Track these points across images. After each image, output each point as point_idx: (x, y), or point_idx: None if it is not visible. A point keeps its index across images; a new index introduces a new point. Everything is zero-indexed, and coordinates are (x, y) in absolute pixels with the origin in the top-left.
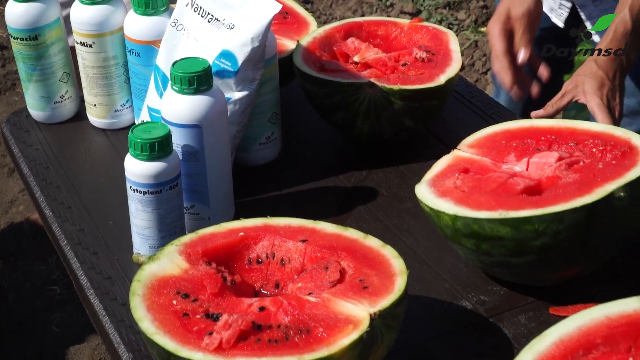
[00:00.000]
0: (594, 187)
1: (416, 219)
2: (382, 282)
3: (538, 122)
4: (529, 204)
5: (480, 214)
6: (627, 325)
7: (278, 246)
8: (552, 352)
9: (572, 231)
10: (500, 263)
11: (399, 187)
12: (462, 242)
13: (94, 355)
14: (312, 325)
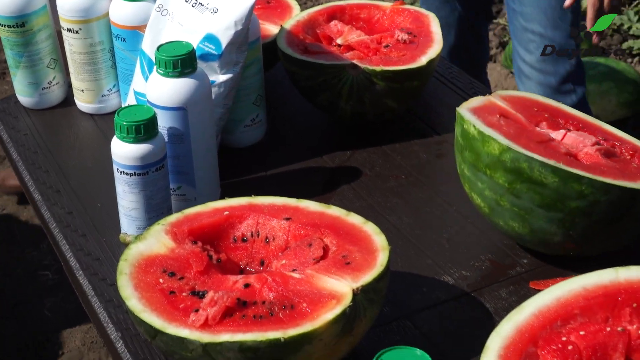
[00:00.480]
0: (637, 179)
1: (400, 197)
2: (364, 258)
3: (565, 107)
4: (580, 167)
5: (535, 156)
6: (604, 296)
7: (262, 224)
8: (530, 323)
9: (609, 207)
10: (523, 209)
11: (382, 167)
12: (496, 175)
13: (85, 339)
14: (296, 300)
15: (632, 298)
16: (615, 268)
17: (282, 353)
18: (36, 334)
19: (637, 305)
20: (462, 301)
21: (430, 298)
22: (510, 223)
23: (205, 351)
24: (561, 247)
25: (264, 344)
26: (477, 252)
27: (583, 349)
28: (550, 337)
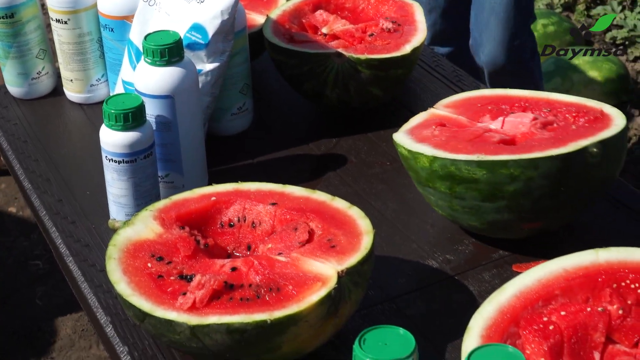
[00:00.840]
0: (568, 141)
1: (385, 183)
2: (349, 241)
3: (512, 91)
4: (506, 151)
5: (458, 156)
6: (584, 277)
7: (249, 209)
8: (512, 304)
9: (545, 180)
10: (472, 208)
11: (367, 154)
12: (436, 185)
13: (76, 326)
14: (282, 283)
15: (612, 279)
16: (596, 249)
17: (268, 334)
18: (28, 323)
19: (617, 285)
20: (446, 284)
21: (414, 281)
22: (470, 222)
23: (193, 333)
24: (523, 229)
25: (251, 326)
26: (461, 236)
27: (564, 329)
28: (531, 318)
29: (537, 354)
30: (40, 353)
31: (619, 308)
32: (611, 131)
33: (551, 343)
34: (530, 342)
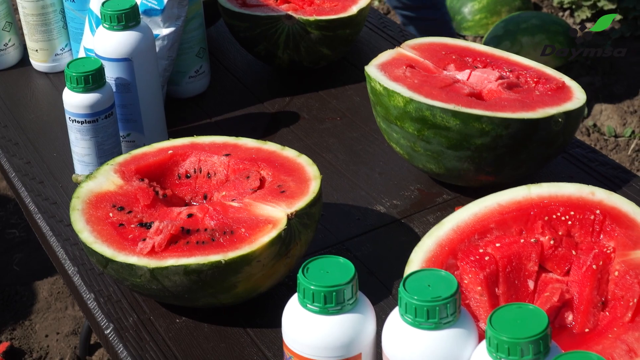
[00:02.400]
0: (537, 107)
1: (335, 137)
2: (298, 186)
3: (474, 44)
4: (479, 106)
5: (435, 103)
6: (518, 210)
7: (204, 161)
8: (450, 237)
9: (511, 139)
10: (435, 152)
11: (318, 110)
12: (405, 125)
13: (52, 290)
14: (235, 226)
15: (543, 212)
16: (528, 185)
17: (223, 274)
18: (6, 287)
19: (548, 218)
20: (392, 227)
21: (363, 225)
22: (428, 165)
23: (153, 276)
24: (477, 180)
25: (207, 266)
26: (407, 183)
27: (499, 259)
28: (468, 250)
29: (474, 283)
30: (18, 316)
31: (551, 239)
32: (574, 104)
33: (487, 273)
34: (467, 272)
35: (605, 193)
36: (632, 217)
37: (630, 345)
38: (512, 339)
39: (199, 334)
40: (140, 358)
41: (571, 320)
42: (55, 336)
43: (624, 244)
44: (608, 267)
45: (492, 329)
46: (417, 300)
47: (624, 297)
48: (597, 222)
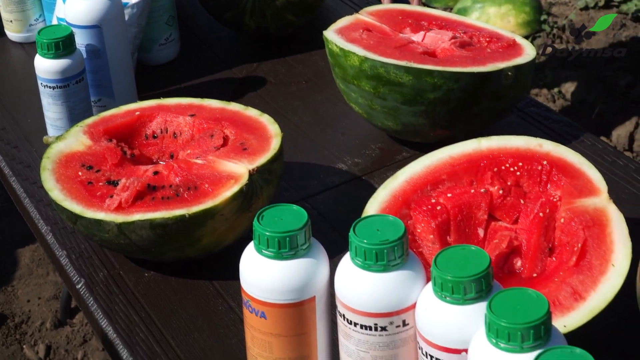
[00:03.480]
0: (487, 62)
1: (300, 100)
2: (259, 144)
3: (430, 9)
4: (431, 62)
5: (388, 60)
6: (468, 162)
7: (170, 122)
8: (403, 189)
9: (463, 92)
10: (391, 109)
11: (285, 75)
12: (362, 84)
13: (34, 257)
14: (199, 183)
15: (493, 163)
16: (478, 138)
17: (188, 228)
18: None
19: (497, 169)
20: (354, 184)
21: (326, 183)
22: (385, 122)
23: (120, 230)
24: (433, 135)
25: (171, 220)
26: (369, 142)
27: (450, 209)
28: (421, 200)
29: (427, 231)
30: (1, 282)
31: (500, 189)
32: (524, 59)
33: (439, 221)
34: (420, 221)
35: (552, 145)
36: (577, 167)
37: (574, 288)
38: (455, 279)
39: (167, 287)
40: (110, 310)
41: (520, 266)
42: (37, 301)
43: (569, 192)
44: (554, 214)
45: (437, 269)
46: (367, 243)
47: (569, 243)
48: (544, 173)
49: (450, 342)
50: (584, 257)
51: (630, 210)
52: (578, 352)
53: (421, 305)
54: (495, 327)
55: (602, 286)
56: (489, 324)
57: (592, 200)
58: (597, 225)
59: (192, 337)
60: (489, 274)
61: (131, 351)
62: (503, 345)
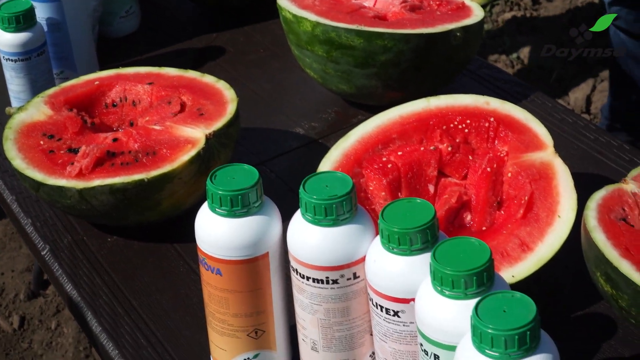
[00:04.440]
0: (436, 24)
1: (259, 68)
2: (216, 109)
3: None
4: (381, 25)
5: (339, 24)
6: (417, 121)
7: (129, 90)
8: (355, 148)
9: (413, 54)
10: (344, 72)
11: (244, 44)
12: (315, 49)
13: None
14: (157, 148)
15: (441, 121)
16: (427, 98)
17: (147, 192)
18: None
19: (446, 127)
20: (310, 147)
21: (283, 146)
22: (340, 86)
23: (81, 196)
24: (387, 97)
25: (131, 185)
26: (325, 106)
27: (401, 166)
28: (372, 159)
29: (379, 188)
30: None
31: (448, 146)
32: (472, 20)
33: (390, 179)
34: (372, 179)
35: (499, 102)
36: (524, 123)
37: (522, 240)
38: (401, 230)
39: (129, 251)
40: (74, 275)
41: (469, 220)
42: (10, 273)
43: (516, 147)
44: (502, 169)
45: (384, 222)
46: (316, 199)
47: (516, 196)
48: (491, 129)
49: (399, 292)
50: (531, 209)
51: (580, 165)
52: (518, 296)
53: (370, 258)
54: (439, 275)
55: (549, 237)
56: (434, 272)
57: (538, 155)
58: (544, 178)
59: (155, 298)
60: (434, 225)
61: (95, 313)
62: (448, 293)
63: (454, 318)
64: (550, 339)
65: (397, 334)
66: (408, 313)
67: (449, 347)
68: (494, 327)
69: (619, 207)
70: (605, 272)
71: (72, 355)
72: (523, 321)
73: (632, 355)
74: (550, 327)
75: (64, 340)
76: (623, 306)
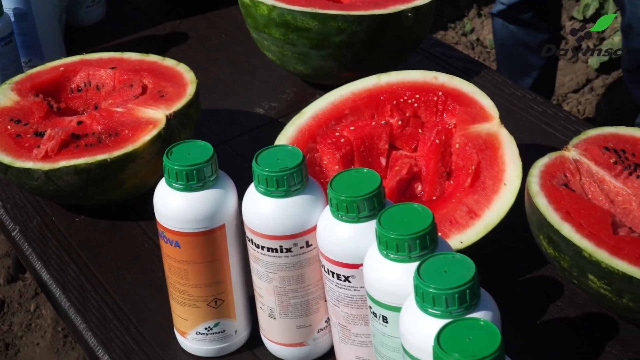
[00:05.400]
0: (388, 5)
1: (221, 52)
2: (176, 91)
3: None
4: (336, 7)
5: (295, 7)
6: (369, 97)
7: (93, 75)
8: (309, 124)
9: (366, 34)
10: (301, 54)
11: (206, 30)
12: (272, 31)
13: None
14: (119, 129)
15: (392, 97)
16: (378, 75)
17: (111, 171)
18: None
19: (396, 102)
20: (270, 126)
21: (244, 126)
22: (297, 67)
23: (48, 177)
24: (342, 77)
25: (95, 165)
26: (284, 87)
27: (353, 141)
28: (326, 134)
29: (332, 162)
30: None
31: (399, 120)
32: (423, 0)
33: (343, 153)
34: (326, 153)
35: (447, 77)
36: (470, 96)
37: (470, 207)
38: (349, 199)
39: (96, 229)
40: (43, 254)
41: (420, 190)
42: None
43: (463, 119)
44: (450, 141)
45: (332, 191)
46: (268, 172)
47: (464, 166)
48: (439, 103)
49: (348, 257)
50: (478, 178)
51: (528, 137)
52: (458, 257)
53: (321, 226)
54: (384, 239)
55: (495, 204)
56: (379, 237)
57: (484, 126)
58: (490, 148)
59: (121, 274)
60: (380, 193)
61: (63, 289)
62: (393, 256)
63: (400, 280)
64: (490, 297)
65: (349, 299)
66: (358, 278)
67: (396, 309)
68: (435, 286)
69: (561, 173)
70: (547, 235)
71: (50, 336)
72: (463, 280)
73: (577, 315)
74: (498, 290)
75: (43, 322)
76: (565, 267)
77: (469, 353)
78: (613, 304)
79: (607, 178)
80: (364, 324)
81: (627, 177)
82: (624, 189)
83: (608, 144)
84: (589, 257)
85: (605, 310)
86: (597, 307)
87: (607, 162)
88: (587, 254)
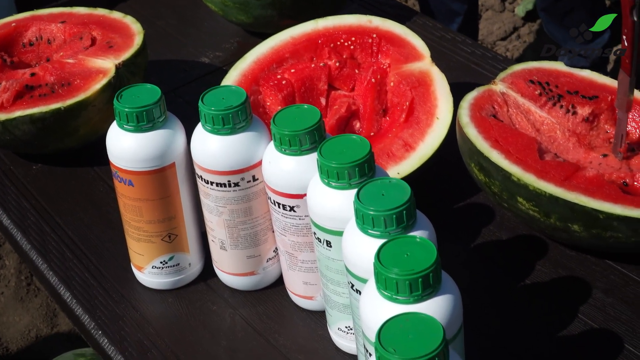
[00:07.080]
0: None
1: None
2: (124, 41)
3: None
4: None
5: None
6: (307, 41)
7: (44, 29)
8: (252, 68)
9: None
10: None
11: None
12: None
13: None
14: (71, 79)
15: (329, 40)
16: (316, 20)
17: (64, 119)
18: None
19: (334, 45)
20: (216, 74)
21: (191, 75)
22: (239, 17)
23: (4, 127)
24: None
25: (49, 114)
26: (228, 37)
27: (294, 82)
28: (268, 77)
29: (275, 103)
30: None
31: (336, 62)
32: None
33: (285, 94)
34: (268, 95)
35: (381, 20)
36: (403, 37)
37: (405, 141)
38: (291, 133)
39: (53, 176)
40: (4, 201)
41: (359, 127)
42: None
43: (397, 59)
44: (385, 80)
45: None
46: (214, 110)
47: (399, 103)
48: (374, 44)
49: (293, 188)
50: (412, 113)
51: (458, 75)
52: (395, 181)
53: (266, 160)
54: (325, 169)
55: (429, 137)
56: (321, 166)
57: (417, 65)
58: (422, 85)
59: (78, 217)
60: (321, 126)
61: (24, 233)
62: (334, 184)
63: (341, 206)
64: (425, 218)
65: (295, 228)
66: (302, 207)
67: (339, 233)
68: (374, 209)
69: (489, 105)
70: (478, 162)
71: (14, 285)
72: (399, 202)
73: (509, 237)
74: (434, 218)
75: (7, 272)
76: (496, 192)
77: (408, 267)
78: (541, 224)
79: (532, 109)
80: (309, 250)
81: (551, 107)
82: (548, 118)
83: (533, 77)
84: (517, 181)
85: (535, 232)
86: (527, 229)
87: (533, 94)
88: (516, 178)
